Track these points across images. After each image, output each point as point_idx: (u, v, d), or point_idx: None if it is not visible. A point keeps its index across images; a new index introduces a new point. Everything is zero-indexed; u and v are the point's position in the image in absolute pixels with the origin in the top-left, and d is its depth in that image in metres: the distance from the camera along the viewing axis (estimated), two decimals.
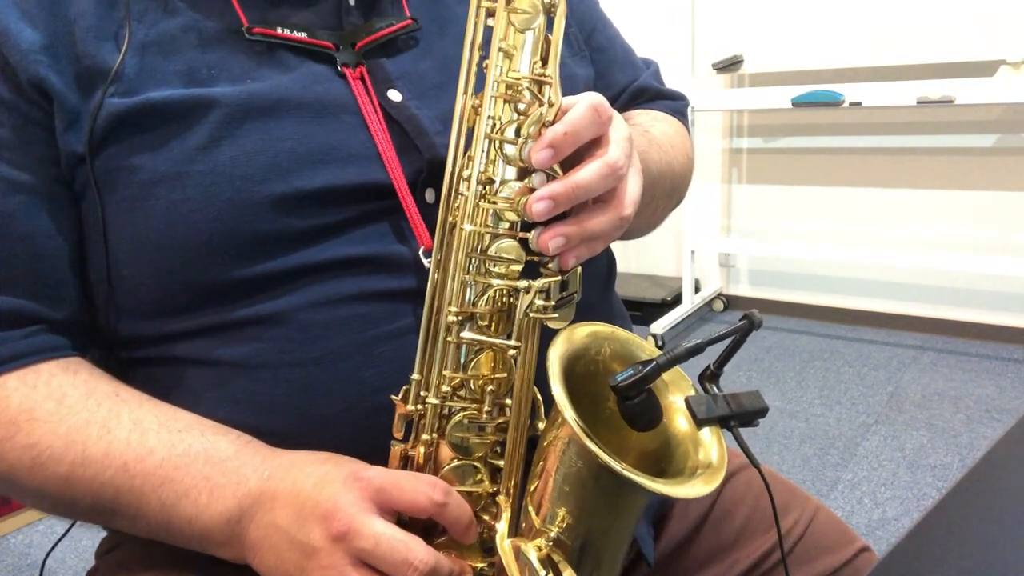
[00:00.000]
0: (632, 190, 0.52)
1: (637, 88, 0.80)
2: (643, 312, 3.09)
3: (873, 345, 2.84)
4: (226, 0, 0.58)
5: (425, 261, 0.56)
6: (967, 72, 2.44)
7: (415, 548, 0.47)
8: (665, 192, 0.72)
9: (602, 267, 0.70)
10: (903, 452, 2.09)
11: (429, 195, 0.59)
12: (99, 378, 0.55)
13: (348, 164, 0.57)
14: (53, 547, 0.77)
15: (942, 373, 2.57)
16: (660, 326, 2.91)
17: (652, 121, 0.77)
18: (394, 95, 0.60)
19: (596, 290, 0.67)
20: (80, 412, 0.52)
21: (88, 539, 1.87)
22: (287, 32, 0.58)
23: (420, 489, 0.48)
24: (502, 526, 0.51)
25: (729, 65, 2.84)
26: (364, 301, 0.56)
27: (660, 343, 2.88)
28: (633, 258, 3.47)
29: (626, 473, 0.44)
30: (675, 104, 0.83)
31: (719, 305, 3.31)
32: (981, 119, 2.68)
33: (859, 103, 2.56)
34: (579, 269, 0.53)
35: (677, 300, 3.16)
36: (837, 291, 3.10)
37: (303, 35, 0.58)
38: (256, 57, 0.58)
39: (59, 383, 0.53)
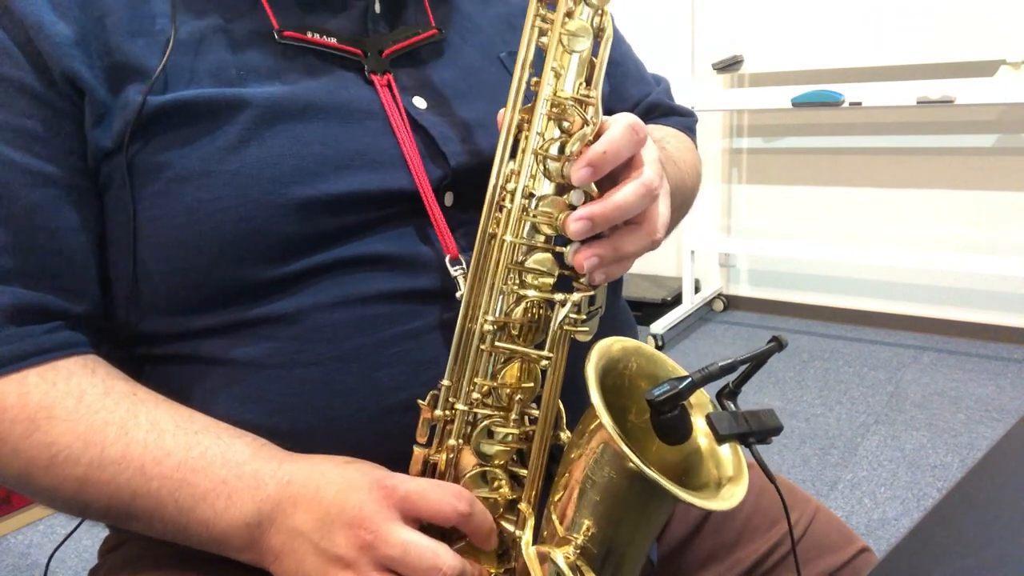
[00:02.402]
0: (663, 212, 0.54)
1: (650, 104, 0.81)
2: (643, 312, 3.10)
3: (873, 345, 2.84)
4: (256, 3, 0.59)
5: (452, 269, 0.57)
6: (967, 72, 2.45)
7: (443, 555, 0.47)
8: (676, 207, 0.73)
9: None
10: (903, 452, 2.09)
11: (448, 198, 0.60)
12: (116, 377, 0.55)
13: (374, 169, 0.57)
14: (59, 547, 0.77)
15: (942, 373, 2.57)
16: (660, 326, 2.91)
17: (666, 137, 0.78)
18: (419, 102, 0.61)
19: (608, 295, 0.68)
20: (98, 411, 0.52)
21: (89, 539, 1.87)
22: (317, 37, 0.58)
23: (446, 499, 0.48)
24: (527, 534, 0.52)
25: (729, 65, 2.84)
26: (380, 301, 0.56)
27: (660, 343, 2.88)
28: None
29: (663, 483, 0.45)
30: (686, 121, 0.84)
31: (719, 305, 3.31)
32: (981, 119, 2.68)
33: (859, 103, 2.56)
34: (605, 284, 0.54)
35: (677, 300, 3.16)
36: (837, 291, 3.10)
37: (332, 40, 0.59)
38: (285, 61, 0.58)
39: (78, 381, 0.53)
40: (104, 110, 0.54)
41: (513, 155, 0.53)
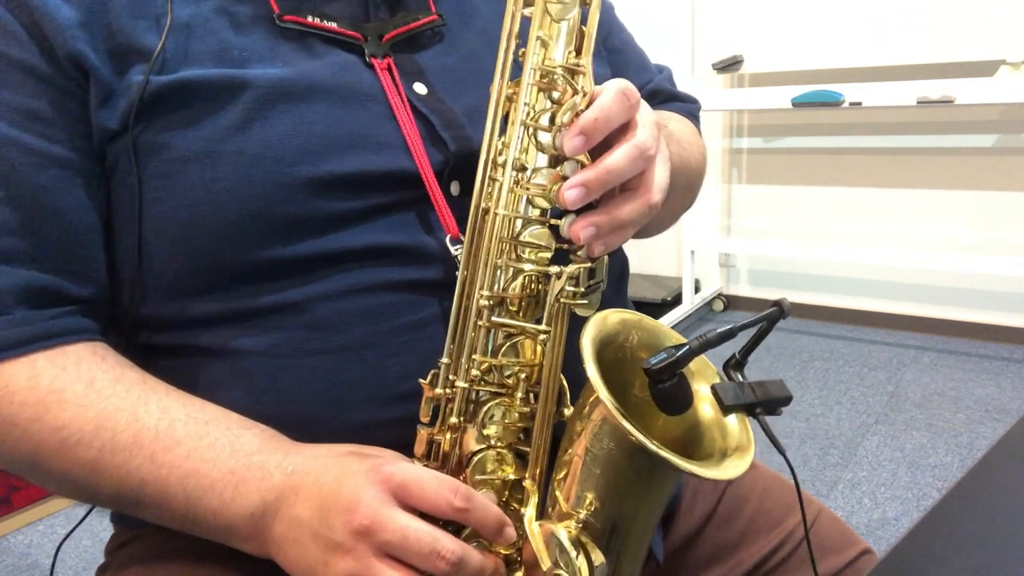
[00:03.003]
0: (660, 175, 0.53)
1: (651, 90, 0.81)
2: (643, 312, 3.09)
3: (873, 345, 2.84)
4: None
5: (452, 249, 0.56)
6: (967, 72, 2.44)
7: (442, 539, 0.47)
8: (682, 188, 0.73)
9: (616, 267, 0.70)
10: (903, 452, 2.09)
11: (455, 188, 0.60)
12: (125, 365, 0.55)
13: (377, 152, 0.57)
14: (61, 543, 0.77)
15: (942, 373, 2.57)
16: None
17: (669, 119, 0.78)
18: (420, 88, 0.61)
19: (611, 289, 0.68)
20: (110, 397, 0.52)
21: (89, 539, 1.87)
22: (317, 21, 0.59)
23: (441, 493, 0.48)
24: (530, 511, 0.51)
25: (729, 65, 2.84)
26: (389, 291, 0.56)
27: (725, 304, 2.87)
28: (633, 258, 3.44)
29: (661, 452, 0.44)
30: (688, 106, 0.84)
31: (719, 305, 3.31)
32: (981, 119, 2.68)
33: (859, 103, 2.56)
34: (606, 258, 0.53)
35: (677, 300, 3.16)
36: (837, 291, 3.10)
37: (333, 25, 0.59)
38: (286, 44, 0.58)
39: (88, 366, 0.53)
40: (109, 92, 0.54)
41: (504, 129, 0.53)
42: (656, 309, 3.08)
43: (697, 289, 3.24)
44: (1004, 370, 2.58)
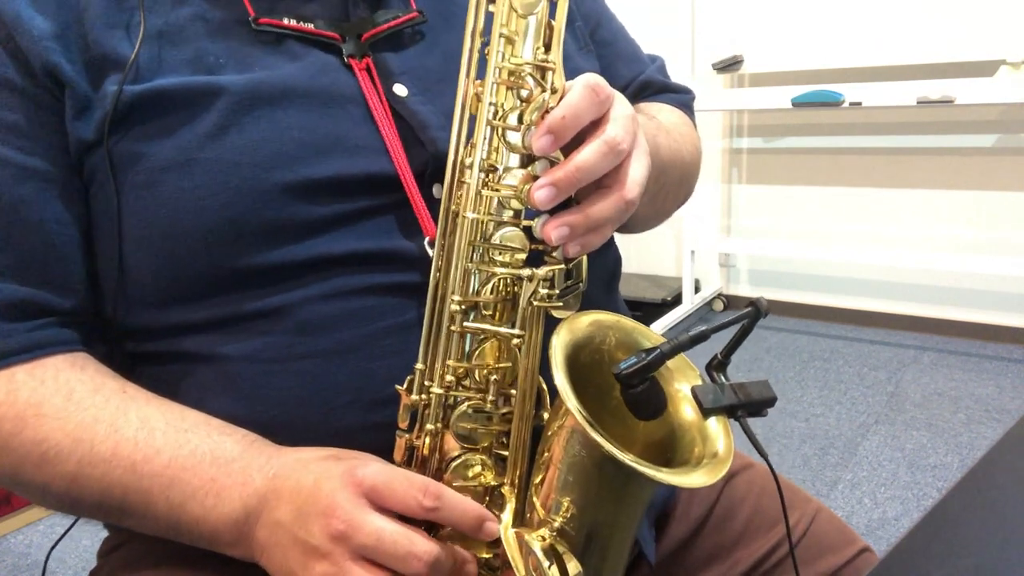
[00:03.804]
0: (636, 171, 0.51)
1: (642, 82, 0.79)
2: (643, 312, 3.09)
3: (873, 345, 2.84)
4: None
5: (430, 251, 0.55)
6: (967, 72, 2.44)
7: (417, 541, 0.47)
8: (675, 181, 0.71)
9: (607, 267, 0.70)
10: (903, 452, 2.09)
11: (436, 190, 0.59)
12: (105, 374, 0.55)
13: (355, 155, 0.57)
14: (55, 544, 0.77)
15: (942, 373, 2.57)
16: (660, 326, 2.91)
17: (659, 110, 0.76)
18: (400, 90, 0.60)
19: (600, 290, 0.67)
20: (88, 408, 0.52)
21: (88, 539, 1.87)
22: (293, 22, 0.58)
23: (411, 493, 0.48)
24: (506, 516, 0.51)
25: (729, 65, 2.84)
26: (372, 294, 0.56)
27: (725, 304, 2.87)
28: (633, 258, 3.47)
29: (628, 461, 0.43)
30: (681, 97, 0.82)
31: (719, 305, 3.31)
32: (981, 119, 2.68)
33: (859, 103, 2.56)
34: (584, 259, 0.52)
35: (677, 300, 3.16)
36: (837, 291, 3.10)
37: (309, 26, 0.59)
38: (263, 47, 0.58)
39: (66, 378, 0.53)
40: (85, 102, 0.54)
41: (472, 130, 0.52)
42: (656, 309, 3.08)
43: (697, 289, 3.24)
44: (1004, 370, 2.57)
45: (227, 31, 0.58)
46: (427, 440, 0.53)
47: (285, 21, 0.58)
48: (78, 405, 0.52)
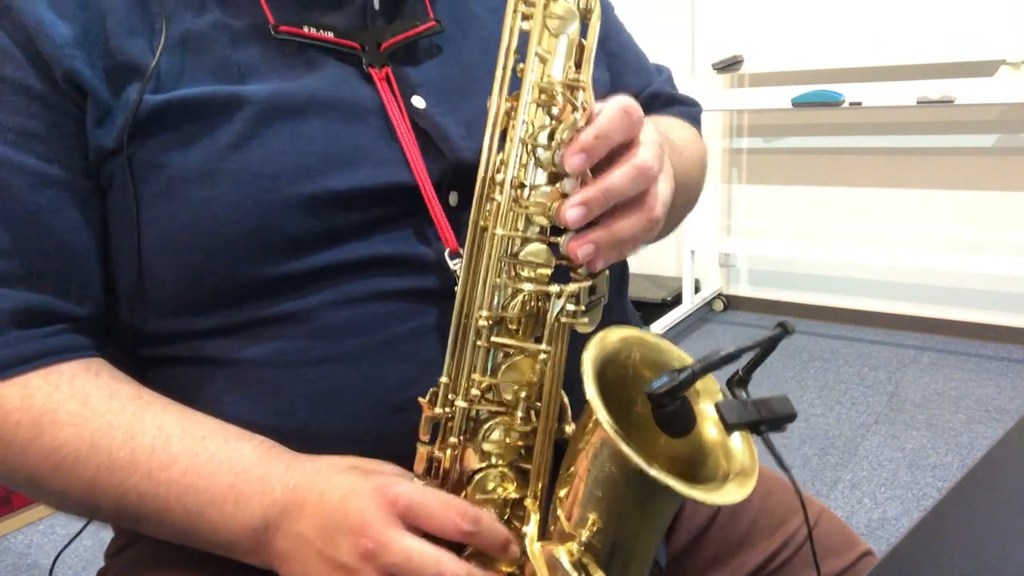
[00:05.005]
0: (663, 191, 0.52)
1: (651, 93, 0.80)
2: (643, 312, 3.09)
3: (873, 345, 2.84)
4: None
5: (451, 263, 0.56)
6: (967, 72, 2.44)
7: (446, 561, 0.47)
8: (682, 203, 0.72)
9: (617, 268, 0.70)
10: (903, 452, 2.09)
11: (453, 198, 0.59)
12: (121, 380, 0.55)
13: (375, 166, 0.57)
14: (62, 550, 0.77)
15: (942, 373, 2.57)
16: (660, 326, 2.91)
17: (671, 127, 0.77)
18: (418, 102, 0.60)
19: (611, 292, 0.68)
20: (104, 415, 0.52)
21: (89, 540, 1.87)
22: (314, 31, 0.58)
23: (449, 516, 0.48)
24: (531, 529, 0.51)
25: (729, 65, 2.84)
26: (386, 300, 0.56)
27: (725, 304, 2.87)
28: (633, 258, 3.44)
29: (662, 478, 0.44)
30: (689, 110, 0.83)
31: (719, 305, 3.31)
32: (981, 119, 2.68)
33: (859, 103, 2.56)
34: (607, 272, 0.53)
35: (677, 300, 3.16)
36: (837, 291, 3.10)
37: (329, 35, 0.59)
38: (285, 57, 0.58)
39: (81, 384, 0.53)
40: (106, 110, 0.54)
41: (502, 146, 0.52)
42: (656, 309, 3.08)
43: (697, 289, 3.24)
44: (1004, 370, 2.58)
45: (249, 40, 0.57)
46: (449, 452, 0.53)
47: (305, 29, 0.58)
48: (94, 411, 0.52)
